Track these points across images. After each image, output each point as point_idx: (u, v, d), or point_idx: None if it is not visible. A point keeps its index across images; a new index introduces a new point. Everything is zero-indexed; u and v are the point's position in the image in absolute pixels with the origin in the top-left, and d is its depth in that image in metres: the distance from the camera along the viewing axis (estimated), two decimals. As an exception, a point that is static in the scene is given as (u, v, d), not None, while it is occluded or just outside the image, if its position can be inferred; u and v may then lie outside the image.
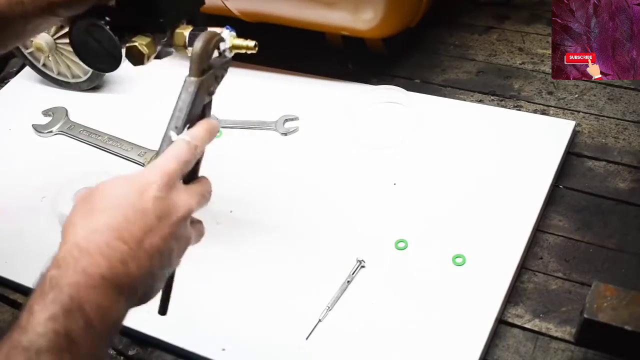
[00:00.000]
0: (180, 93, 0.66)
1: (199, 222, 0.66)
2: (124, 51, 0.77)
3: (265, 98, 1.16)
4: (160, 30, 0.77)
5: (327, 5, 1.08)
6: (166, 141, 0.64)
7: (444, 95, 1.14)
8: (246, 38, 0.73)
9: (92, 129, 1.15)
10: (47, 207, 1.01)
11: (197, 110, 0.66)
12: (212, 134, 0.66)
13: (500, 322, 0.81)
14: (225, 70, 0.71)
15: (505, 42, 1.23)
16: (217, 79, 0.69)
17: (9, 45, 0.83)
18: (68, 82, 1.24)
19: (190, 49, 0.77)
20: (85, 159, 1.11)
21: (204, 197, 0.65)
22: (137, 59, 0.76)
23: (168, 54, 0.81)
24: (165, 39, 0.78)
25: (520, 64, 1.18)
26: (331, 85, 1.17)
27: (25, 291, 0.93)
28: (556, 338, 0.79)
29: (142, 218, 0.58)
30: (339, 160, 1.03)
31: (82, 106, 1.20)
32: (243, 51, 0.73)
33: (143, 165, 1.07)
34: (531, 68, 1.17)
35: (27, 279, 0.92)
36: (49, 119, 1.19)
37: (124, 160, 1.10)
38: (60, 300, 0.52)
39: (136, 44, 0.76)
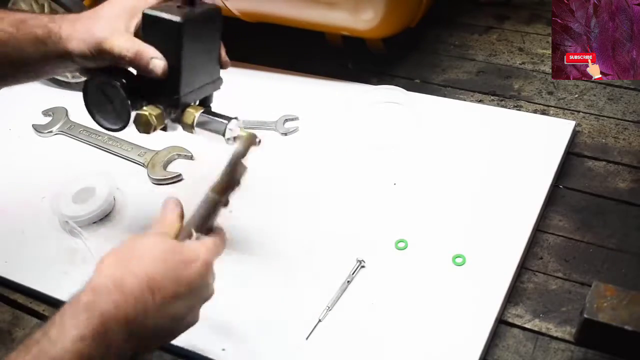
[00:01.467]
0: (201, 203, 0.69)
1: None
2: (133, 114, 0.76)
3: (265, 98, 1.16)
4: (172, 105, 0.76)
5: (327, 5, 1.08)
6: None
7: (444, 95, 1.14)
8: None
9: (92, 129, 1.15)
10: (47, 207, 1.01)
11: (214, 217, 0.70)
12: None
13: (500, 322, 0.81)
14: (242, 179, 0.71)
15: (505, 42, 1.23)
16: (235, 188, 0.71)
17: (23, 81, 0.82)
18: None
19: (197, 129, 0.77)
20: (85, 159, 1.11)
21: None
22: (145, 128, 0.75)
23: (173, 128, 0.79)
24: (174, 114, 0.77)
25: (520, 64, 1.18)
26: (331, 85, 1.17)
27: (25, 291, 0.93)
28: (556, 338, 0.79)
29: (177, 283, 0.62)
30: (339, 160, 1.03)
31: (82, 106, 1.18)
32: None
33: (143, 165, 1.07)
34: (531, 68, 1.17)
35: (27, 279, 0.93)
36: (49, 119, 1.19)
37: (124, 160, 1.10)
38: (92, 324, 0.56)
39: (146, 113, 0.74)
